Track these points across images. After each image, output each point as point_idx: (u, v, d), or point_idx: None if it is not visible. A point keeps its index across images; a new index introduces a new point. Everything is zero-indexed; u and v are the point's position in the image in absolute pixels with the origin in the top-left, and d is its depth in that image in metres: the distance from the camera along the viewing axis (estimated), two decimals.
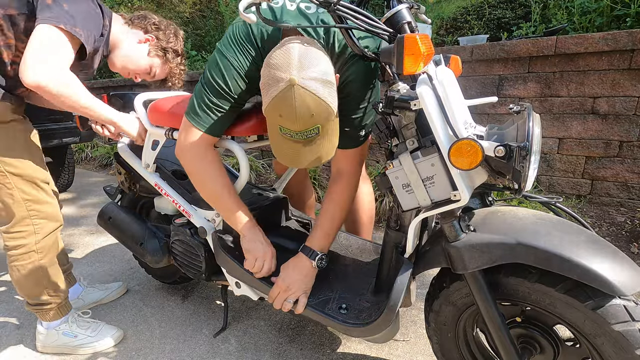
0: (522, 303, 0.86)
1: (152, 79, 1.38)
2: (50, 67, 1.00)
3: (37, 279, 1.26)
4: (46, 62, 1.00)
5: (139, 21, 1.30)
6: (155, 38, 1.30)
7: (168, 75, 1.39)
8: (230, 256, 1.19)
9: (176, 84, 1.42)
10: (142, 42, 1.29)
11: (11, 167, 1.14)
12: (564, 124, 2.33)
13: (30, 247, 1.23)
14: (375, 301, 1.08)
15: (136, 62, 1.30)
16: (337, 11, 0.81)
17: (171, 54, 1.34)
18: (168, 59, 1.34)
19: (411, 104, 0.80)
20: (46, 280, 1.28)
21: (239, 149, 1.14)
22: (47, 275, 1.28)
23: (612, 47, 2.05)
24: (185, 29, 5.27)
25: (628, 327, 0.71)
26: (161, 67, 1.35)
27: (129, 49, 1.28)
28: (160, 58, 1.33)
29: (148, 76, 1.36)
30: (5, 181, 1.15)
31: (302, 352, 1.33)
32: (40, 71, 0.99)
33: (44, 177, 1.23)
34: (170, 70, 1.37)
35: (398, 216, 0.99)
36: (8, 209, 1.18)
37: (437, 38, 3.51)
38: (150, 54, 1.31)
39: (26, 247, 1.22)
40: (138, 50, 1.29)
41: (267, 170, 3.61)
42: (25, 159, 1.17)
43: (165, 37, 1.32)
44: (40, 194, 1.22)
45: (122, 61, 1.28)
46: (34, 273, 1.25)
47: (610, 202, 2.32)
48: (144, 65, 1.31)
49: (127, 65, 1.29)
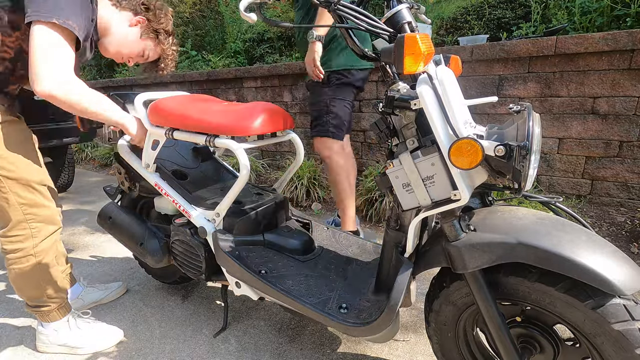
0: (522, 302, 0.86)
1: (145, 61, 1.35)
2: (57, 75, 1.00)
3: (36, 282, 1.26)
4: (52, 70, 0.99)
5: (126, 2, 1.24)
6: (146, 20, 1.26)
7: (160, 56, 1.35)
8: (231, 256, 1.19)
9: (169, 65, 1.38)
10: (134, 25, 1.24)
11: (5, 171, 1.12)
12: (564, 124, 2.34)
13: (28, 250, 1.22)
14: (376, 301, 1.08)
15: (129, 46, 1.26)
16: (337, 11, 0.81)
17: (163, 35, 1.29)
18: (160, 40, 1.30)
19: (411, 103, 0.80)
20: (45, 283, 1.27)
21: (239, 149, 1.14)
22: (46, 277, 1.27)
23: (612, 47, 2.05)
24: (185, 29, 5.27)
25: (628, 327, 0.71)
26: (154, 49, 1.31)
27: (121, 33, 1.23)
28: (153, 40, 1.29)
29: (141, 59, 1.33)
30: (0, 185, 1.13)
31: (302, 352, 1.33)
32: (49, 81, 0.99)
33: (40, 180, 1.21)
34: (163, 51, 1.33)
35: (398, 216, 0.99)
36: (4, 213, 1.17)
37: (437, 38, 3.51)
38: (143, 37, 1.26)
39: (24, 251, 1.21)
40: (130, 34, 1.24)
41: (267, 170, 3.62)
42: (20, 162, 1.15)
43: (156, 18, 1.27)
44: (37, 197, 1.20)
45: (115, 46, 1.24)
46: (32, 276, 1.24)
47: (610, 202, 2.32)
48: (137, 49, 1.27)
49: (120, 50, 1.25)
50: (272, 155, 3.80)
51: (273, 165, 3.77)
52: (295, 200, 2.87)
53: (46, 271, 1.26)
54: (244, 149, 1.16)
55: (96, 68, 6.23)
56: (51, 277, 1.28)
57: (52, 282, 1.29)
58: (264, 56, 4.40)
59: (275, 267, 1.21)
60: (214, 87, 3.99)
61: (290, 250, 1.30)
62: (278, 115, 1.25)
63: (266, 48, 4.46)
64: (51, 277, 1.28)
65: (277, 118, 1.24)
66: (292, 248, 1.30)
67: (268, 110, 1.21)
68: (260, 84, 3.63)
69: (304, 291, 1.12)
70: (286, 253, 1.30)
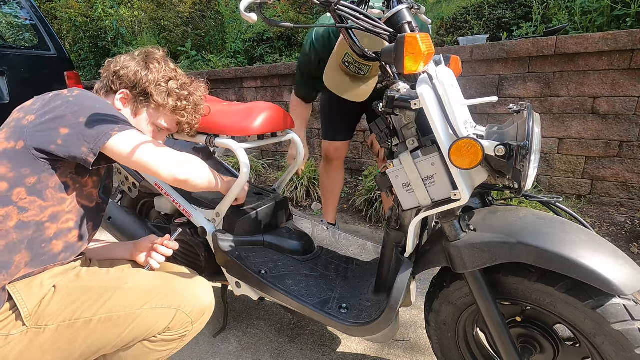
0: (522, 302, 0.86)
1: (175, 131, 1.13)
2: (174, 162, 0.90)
3: None
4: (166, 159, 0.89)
5: (99, 85, 1.02)
6: (127, 91, 0.99)
7: (178, 123, 1.09)
8: (231, 256, 1.19)
9: (185, 130, 1.11)
10: (124, 105, 1.01)
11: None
12: (564, 124, 2.34)
13: None
14: (376, 301, 1.08)
15: (142, 130, 1.02)
16: (337, 11, 0.81)
17: (154, 89, 1.00)
18: (157, 101, 1.00)
19: (411, 103, 0.80)
20: None
21: (239, 149, 1.14)
22: None
23: (612, 47, 2.05)
24: (185, 29, 5.26)
25: (628, 327, 0.71)
26: (163, 116, 1.04)
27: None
28: (149, 106, 1.02)
29: (168, 131, 1.09)
30: None
31: (302, 352, 1.33)
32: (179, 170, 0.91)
33: None
34: (174, 111, 1.05)
35: (398, 216, 0.99)
36: None
37: (437, 38, 3.51)
38: (139, 112, 1.01)
39: None
40: (127, 116, 1.00)
41: (267, 170, 3.62)
42: None
43: (133, 79, 0.98)
44: None
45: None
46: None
47: (610, 202, 2.32)
48: (147, 129, 1.04)
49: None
50: (272, 155, 3.80)
51: (273, 165, 3.77)
52: (295, 200, 2.87)
53: None
54: (244, 148, 1.16)
55: (96, 68, 6.23)
56: None
57: None
58: (264, 56, 4.39)
59: (275, 267, 1.21)
60: (214, 87, 3.99)
61: (290, 250, 1.30)
62: (278, 115, 1.25)
63: (266, 48, 4.46)
64: None
65: (277, 118, 1.24)
66: (292, 248, 1.30)
67: (268, 110, 1.21)
68: (260, 84, 3.63)
69: (304, 291, 1.12)
70: (286, 253, 1.30)
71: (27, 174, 0.80)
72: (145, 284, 0.89)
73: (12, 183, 0.79)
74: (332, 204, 2.09)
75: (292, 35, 4.38)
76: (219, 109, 1.21)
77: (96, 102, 0.86)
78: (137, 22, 5.93)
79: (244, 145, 1.17)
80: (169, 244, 1.03)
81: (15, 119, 0.84)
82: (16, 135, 0.80)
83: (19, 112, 0.85)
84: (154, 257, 1.02)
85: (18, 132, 0.81)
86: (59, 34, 6.19)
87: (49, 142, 0.80)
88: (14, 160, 0.80)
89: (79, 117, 0.82)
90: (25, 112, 0.84)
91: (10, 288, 0.81)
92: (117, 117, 0.87)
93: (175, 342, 0.91)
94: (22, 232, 0.81)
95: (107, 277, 0.90)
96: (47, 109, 0.82)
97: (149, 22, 5.77)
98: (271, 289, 1.12)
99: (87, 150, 0.81)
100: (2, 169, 0.79)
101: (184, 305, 0.88)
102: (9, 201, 0.79)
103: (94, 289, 0.86)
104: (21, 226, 0.80)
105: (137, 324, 0.84)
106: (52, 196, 0.84)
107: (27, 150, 0.80)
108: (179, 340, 0.90)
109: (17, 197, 0.80)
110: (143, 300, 0.85)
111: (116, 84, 0.99)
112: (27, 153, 0.80)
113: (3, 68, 2.81)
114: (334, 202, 2.09)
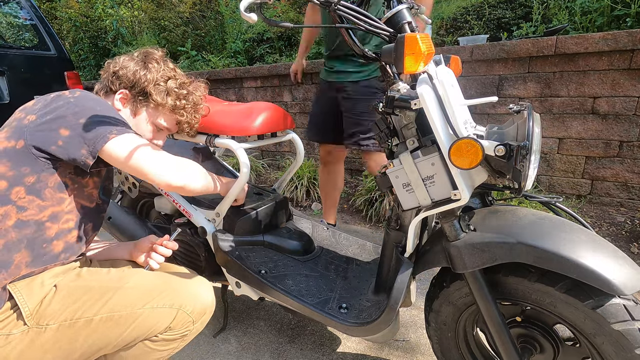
0: (522, 302, 0.86)
1: (177, 132, 1.13)
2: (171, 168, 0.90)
3: None
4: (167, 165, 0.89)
5: (100, 86, 1.02)
6: (126, 91, 0.99)
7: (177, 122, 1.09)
8: (231, 256, 1.19)
9: (185, 129, 1.11)
10: (123, 105, 1.01)
11: None
12: (564, 124, 2.33)
13: None
14: (376, 301, 1.08)
15: (142, 130, 1.03)
16: (337, 11, 0.81)
17: (153, 88, 0.99)
18: (156, 101, 1.00)
19: (411, 103, 0.80)
20: None
21: (239, 149, 1.14)
22: None
23: (612, 47, 2.05)
24: (185, 29, 5.26)
25: (628, 327, 0.71)
26: (163, 115, 1.04)
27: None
28: (148, 106, 1.01)
29: (168, 131, 1.09)
30: None
31: (302, 352, 1.33)
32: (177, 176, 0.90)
33: None
34: (173, 110, 1.05)
35: (398, 216, 0.99)
36: None
37: (437, 38, 3.51)
38: (138, 112, 1.01)
39: None
40: (126, 116, 1.00)
41: (267, 170, 3.62)
42: None
43: (132, 78, 0.98)
44: None
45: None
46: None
47: (610, 202, 2.32)
48: (147, 129, 1.04)
49: (144, 135, 1.02)
50: (272, 155, 3.80)
51: (273, 165, 3.77)
52: (295, 200, 2.87)
53: None
54: (244, 148, 1.16)
55: (96, 68, 6.23)
56: None
57: None
58: (264, 56, 4.39)
59: (275, 267, 1.21)
60: (213, 87, 3.98)
61: (290, 250, 1.30)
62: (278, 115, 1.25)
63: (266, 48, 4.45)
64: None
65: (277, 118, 1.24)
66: (292, 248, 1.30)
67: (268, 110, 1.21)
68: (260, 84, 3.63)
69: (304, 291, 1.13)
70: (286, 253, 1.30)
71: (27, 172, 0.80)
72: (146, 283, 0.89)
73: (11, 182, 0.79)
74: (332, 205, 2.09)
75: (292, 35, 4.37)
76: (219, 109, 1.21)
77: (97, 104, 0.86)
78: (137, 22, 5.92)
79: (244, 145, 1.17)
80: (168, 244, 1.03)
81: (16, 119, 0.84)
82: (17, 135, 0.81)
83: (21, 112, 0.85)
84: (154, 257, 1.02)
85: (19, 132, 0.81)
86: (59, 34, 6.19)
87: (49, 142, 0.80)
88: (14, 159, 0.80)
89: (80, 119, 0.82)
90: (27, 112, 0.84)
91: (11, 287, 0.81)
92: (117, 120, 0.87)
93: (177, 342, 0.91)
94: (21, 231, 0.81)
95: (108, 277, 0.90)
96: (48, 109, 0.82)
97: (149, 22, 5.77)
98: (271, 289, 1.12)
99: (87, 152, 0.81)
100: (1, 167, 0.79)
101: (185, 305, 0.88)
102: (7, 200, 0.79)
103: (95, 288, 0.86)
104: (20, 225, 0.80)
105: (139, 324, 0.84)
106: (51, 196, 0.84)
107: (27, 149, 0.80)
108: (180, 339, 0.91)
109: (16, 196, 0.80)
110: (144, 299, 0.85)
111: (115, 84, 1.00)
112: (27, 152, 0.80)
113: (3, 68, 2.81)
114: (334, 203, 2.09)
